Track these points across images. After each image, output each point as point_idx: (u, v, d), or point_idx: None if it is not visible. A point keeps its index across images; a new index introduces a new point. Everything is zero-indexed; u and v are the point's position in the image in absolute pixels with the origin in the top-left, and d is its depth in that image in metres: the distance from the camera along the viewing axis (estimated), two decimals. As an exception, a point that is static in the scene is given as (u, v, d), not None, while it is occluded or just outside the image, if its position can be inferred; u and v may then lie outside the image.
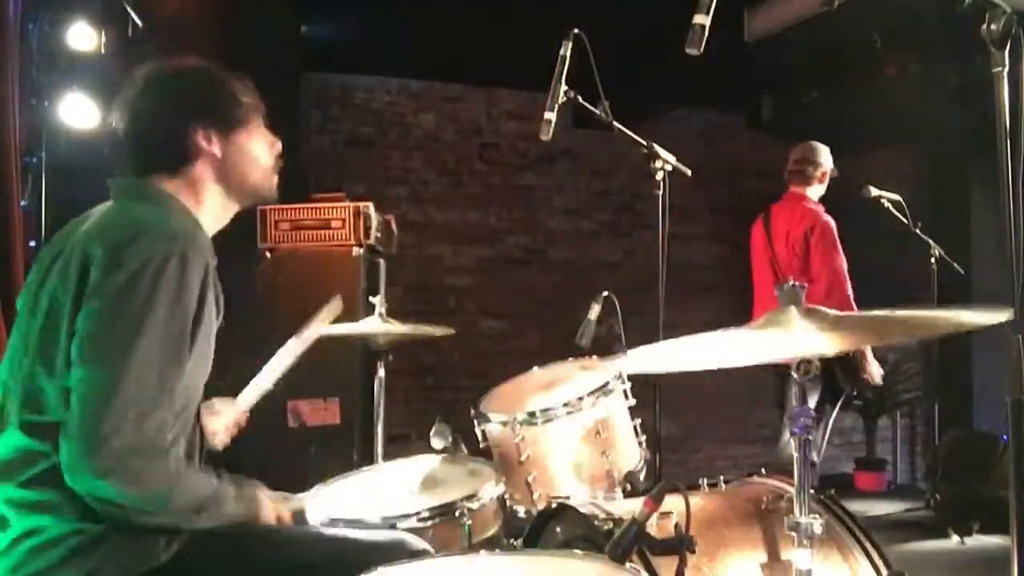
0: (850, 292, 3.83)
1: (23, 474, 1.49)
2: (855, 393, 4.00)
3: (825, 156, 4.08)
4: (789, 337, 1.37)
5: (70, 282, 1.50)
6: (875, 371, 3.87)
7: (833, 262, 3.87)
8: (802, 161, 4.07)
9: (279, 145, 1.82)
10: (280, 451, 3.51)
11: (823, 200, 4.09)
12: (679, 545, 1.42)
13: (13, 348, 1.60)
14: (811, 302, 1.44)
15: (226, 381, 1.99)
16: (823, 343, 1.35)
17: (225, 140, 1.71)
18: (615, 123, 2.50)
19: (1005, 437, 3.30)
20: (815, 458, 3.84)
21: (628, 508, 1.67)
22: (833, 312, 1.43)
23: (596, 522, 1.69)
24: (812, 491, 1.44)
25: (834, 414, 3.91)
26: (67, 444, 1.42)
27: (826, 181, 4.08)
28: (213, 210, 1.73)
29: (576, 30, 2.39)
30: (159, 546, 1.52)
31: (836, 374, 3.83)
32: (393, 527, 1.94)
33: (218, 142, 1.70)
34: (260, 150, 1.77)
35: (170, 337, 1.48)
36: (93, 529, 1.47)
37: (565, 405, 2.31)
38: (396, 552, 1.66)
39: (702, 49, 1.89)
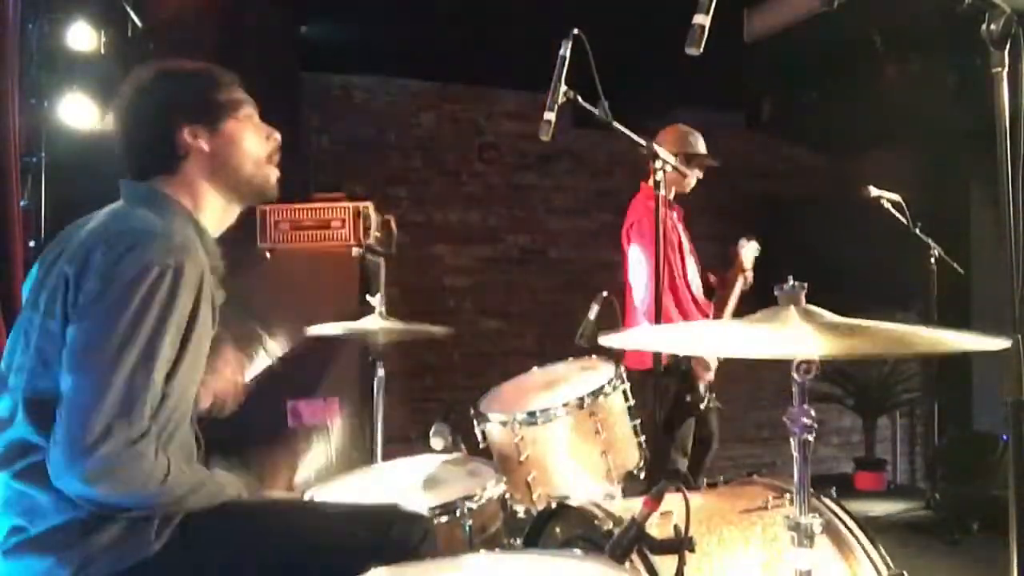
0: (645, 301, 3.24)
1: (17, 464, 1.52)
2: (689, 400, 3.36)
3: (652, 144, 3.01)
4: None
5: (67, 285, 1.52)
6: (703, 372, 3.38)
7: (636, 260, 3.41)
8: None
9: (277, 136, 1.81)
10: (279, 451, 3.51)
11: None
12: (679, 545, 1.42)
13: (13, 340, 1.61)
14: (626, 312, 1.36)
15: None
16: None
17: (213, 135, 1.71)
18: (615, 123, 2.50)
19: (1005, 437, 3.29)
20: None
21: (628, 508, 1.67)
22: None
23: (596, 522, 1.69)
24: (811, 491, 1.43)
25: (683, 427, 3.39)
26: (55, 449, 1.44)
27: (652, 164, 2.83)
28: (213, 211, 1.74)
29: (576, 30, 2.39)
30: (151, 535, 1.53)
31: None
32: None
33: (206, 138, 1.70)
34: (251, 142, 1.75)
35: (155, 350, 1.49)
36: (82, 519, 1.49)
37: (565, 405, 2.31)
38: (389, 517, 1.68)
39: (702, 49, 1.89)
